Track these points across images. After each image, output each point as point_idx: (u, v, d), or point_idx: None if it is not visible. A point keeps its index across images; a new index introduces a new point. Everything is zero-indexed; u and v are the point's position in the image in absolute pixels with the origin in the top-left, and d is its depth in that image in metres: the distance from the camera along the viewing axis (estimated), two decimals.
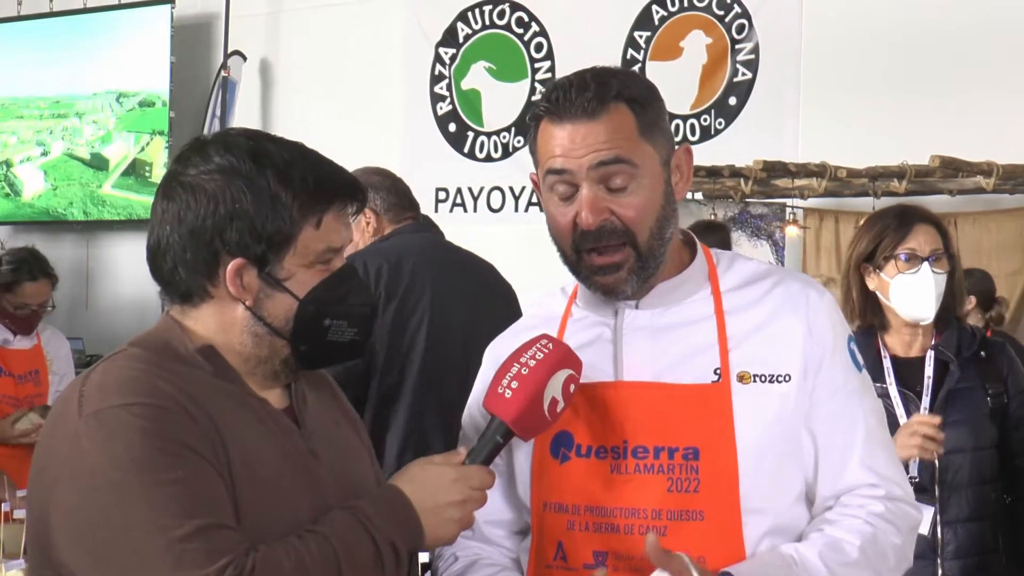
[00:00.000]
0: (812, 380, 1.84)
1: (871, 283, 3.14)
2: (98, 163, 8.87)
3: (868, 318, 3.18)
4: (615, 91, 1.80)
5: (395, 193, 3.78)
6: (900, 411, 3.07)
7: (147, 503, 1.51)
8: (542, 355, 1.75)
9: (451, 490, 1.69)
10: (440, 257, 3.67)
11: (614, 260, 1.81)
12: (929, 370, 3.12)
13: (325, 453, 1.75)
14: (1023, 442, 3.12)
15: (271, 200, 1.65)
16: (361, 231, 3.64)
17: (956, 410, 3.06)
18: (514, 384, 1.73)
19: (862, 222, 3.42)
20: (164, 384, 1.60)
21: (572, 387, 1.77)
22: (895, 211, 3.21)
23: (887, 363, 3.13)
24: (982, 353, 3.13)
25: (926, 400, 3.08)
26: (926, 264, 3.06)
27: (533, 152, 1.88)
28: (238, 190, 1.64)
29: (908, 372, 3.14)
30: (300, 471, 1.69)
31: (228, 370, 1.70)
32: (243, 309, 1.69)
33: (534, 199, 7.79)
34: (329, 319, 1.71)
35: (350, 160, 4.07)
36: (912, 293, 3.08)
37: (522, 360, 1.75)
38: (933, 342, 3.14)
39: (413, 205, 3.80)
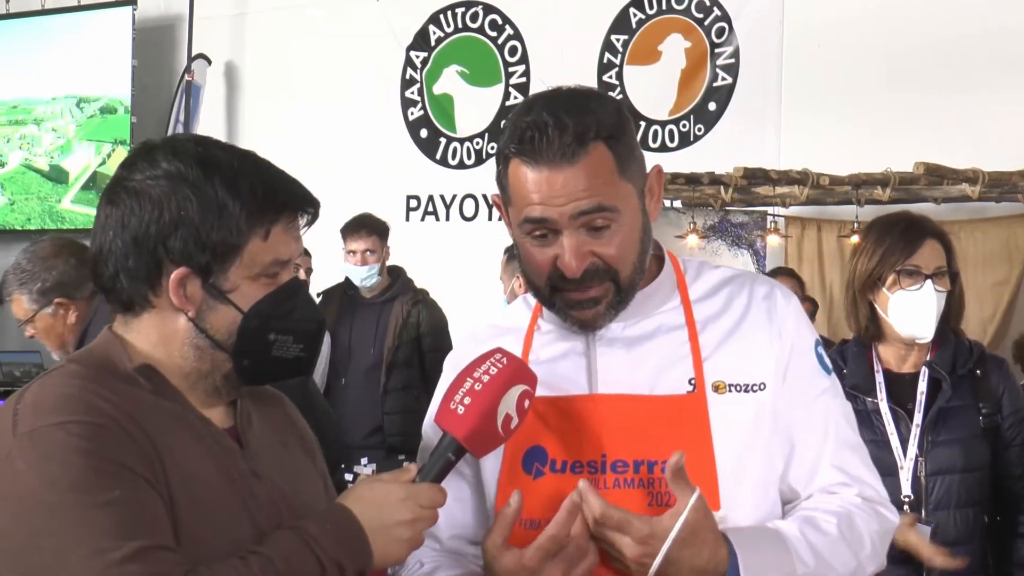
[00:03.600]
0: (782, 385, 1.85)
1: (871, 295, 3.11)
2: (57, 175, 8.80)
3: (869, 331, 3.15)
4: (594, 131, 1.75)
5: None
6: (891, 428, 3.04)
7: (83, 525, 1.48)
8: (496, 370, 1.73)
9: (400, 509, 1.67)
10: None
11: (592, 295, 1.80)
12: (923, 386, 3.07)
13: (268, 475, 1.73)
14: (1014, 463, 3.10)
15: (218, 209, 1.63)
16: None
17: (947, 429, 3.03)
18: (467, 400, 1.71)
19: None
20: (101, 402, 1.57)
21: (527, 403, 1.75)
22: (903, 224, 3.12)
23: (879, 377, 3.09)
24: (977, 371, 3.10)
25: (918, 417, 3.04)
26: (929, 282, 3.01)
27: (503, 187, 1.83)
28: (184, 197, 1.62)
29: (900, 388, 3.09)
30: (241, 492, 1.67)
31: (168, 388, 1.67)
32: (185, 320, 1.67)
33: None
34: (274, 334, 1.69)
35: (318, 166, 4.08)
36: (912, 311, 3.03)
37: (475, 375, 1.73)
38: (928, 358, 3.10)
39: None
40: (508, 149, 1.78)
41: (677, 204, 6.69)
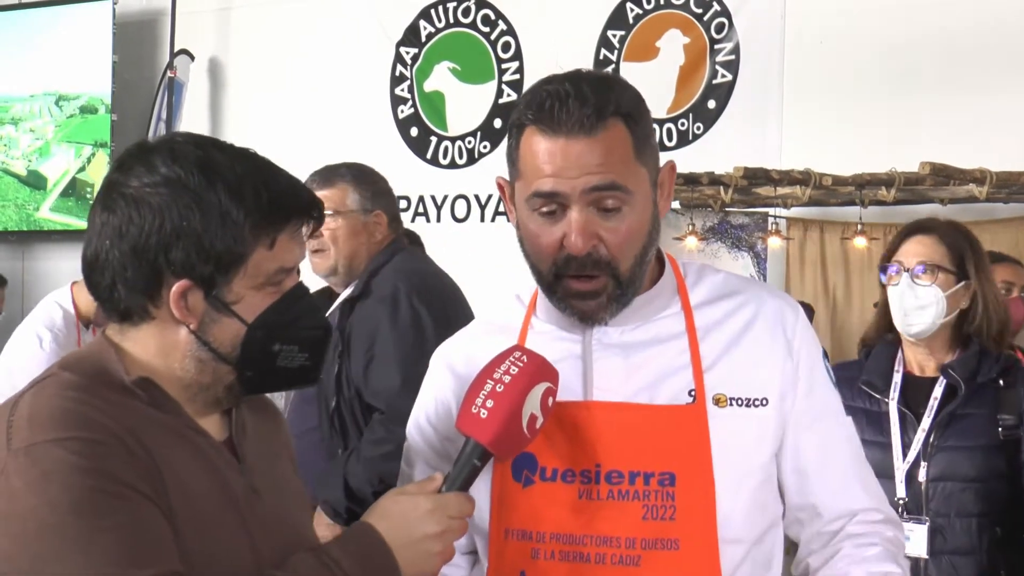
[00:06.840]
0: (792, 402, 1.85)
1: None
2: (35, 181, 8.74)
3: (886, 334, 3.25)
4: (614, 106, 1.76)
5: (395, 204, 3.87)
6: (895, 430, 3.09)
7: (88, 552, 1.45)
8: (517, 369, 1.72)
9: (427, 521, 1.65)
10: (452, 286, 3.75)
11: (593, 287, 1.79)
12: (938, 391, 3.13)
13: (265, 490, 1.71)
14: None
15: (221, 218, 1.59)
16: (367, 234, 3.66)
17: (955, 436, 3.06)
18: (489, 403, 1.69)
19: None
20: (100, 416, 1.54)
21: (550, 400, 1.74)
22: (906, 226, 3.28)
23: (897, 377, 3.18)
24: (1000, 381, 3.12)
25: (926, 421, 3.08)
26: (906, 276, 3.12)
27: (513, 161, 1.83)
28: (185, 206, 1.59)
29: (917, 391, 3.16)
30: (240, 510, 1.64)
31: (166, 401, 1.64)
32: (187, 333, 1.64)
33: (501, 208, 7.76)
34: (279, 344, 1.67)
35: (305, 166, 4.07)
36: (896, 305, 3.16)
37: (495, 376, 1.71)
38: (948, 361, 3.15)
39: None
40: (524, 117, 1.78)
41: (675, 205, 6.68)
